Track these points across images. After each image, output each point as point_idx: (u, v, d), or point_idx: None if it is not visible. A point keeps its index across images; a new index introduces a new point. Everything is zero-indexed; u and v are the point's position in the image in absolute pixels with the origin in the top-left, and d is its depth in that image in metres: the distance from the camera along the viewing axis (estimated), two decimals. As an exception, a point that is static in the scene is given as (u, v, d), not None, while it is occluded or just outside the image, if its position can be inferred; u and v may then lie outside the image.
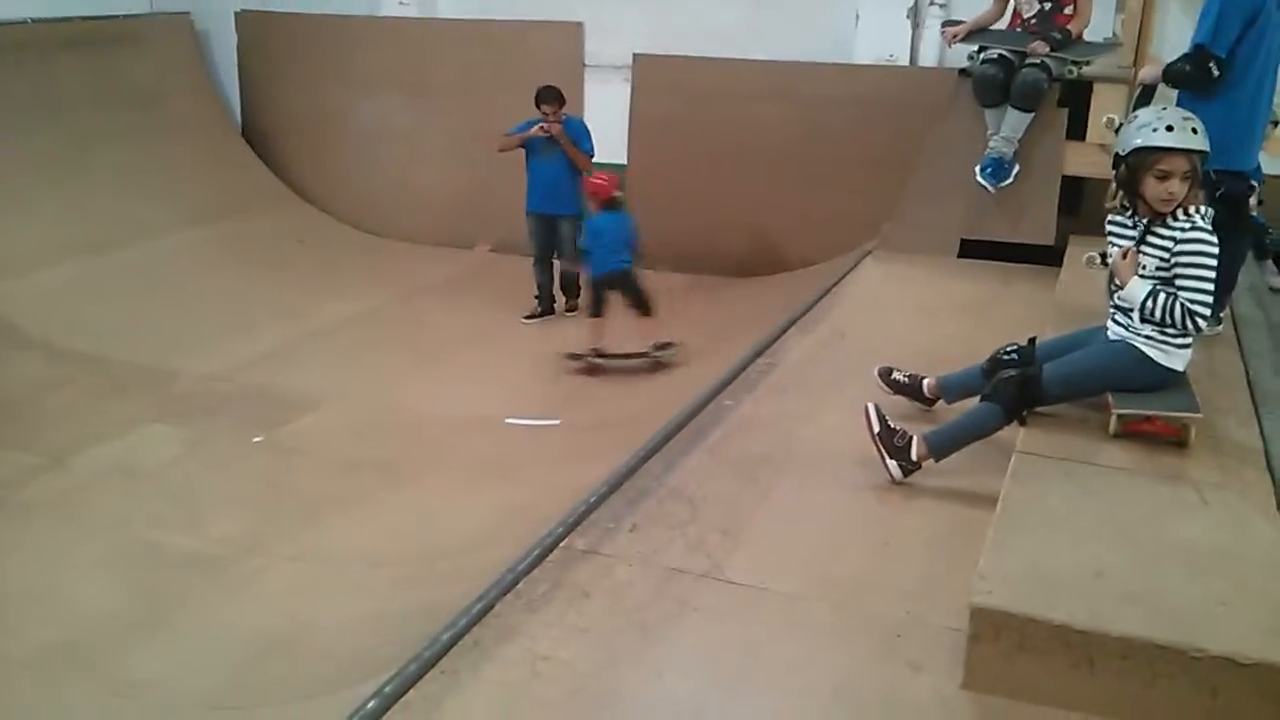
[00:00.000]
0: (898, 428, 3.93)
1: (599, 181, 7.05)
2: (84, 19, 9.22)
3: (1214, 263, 3.62)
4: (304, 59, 10.11)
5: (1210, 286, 3.63)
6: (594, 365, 6.95)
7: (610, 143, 8.70)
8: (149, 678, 3.94)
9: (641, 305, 6.92)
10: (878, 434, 3.91)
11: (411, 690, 2.74)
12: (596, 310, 7.01)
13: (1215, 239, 3.63)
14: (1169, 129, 3.59)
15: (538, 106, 7.64)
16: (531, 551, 3.38)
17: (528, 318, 8.05)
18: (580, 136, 7.79)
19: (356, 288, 8.58)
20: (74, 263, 7.93)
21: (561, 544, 3.46)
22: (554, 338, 7.76)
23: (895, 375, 4.57)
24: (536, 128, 7.65)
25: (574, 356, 6.99)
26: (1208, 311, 3.65)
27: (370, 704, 2.66)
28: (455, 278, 8.98)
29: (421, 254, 9.52)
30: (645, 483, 3.94)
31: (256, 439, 5.99)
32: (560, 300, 8.16)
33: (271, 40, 10.23)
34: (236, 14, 10.32)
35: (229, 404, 6.44)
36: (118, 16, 9.56)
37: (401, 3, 9.69)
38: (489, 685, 2.80)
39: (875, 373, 4.61)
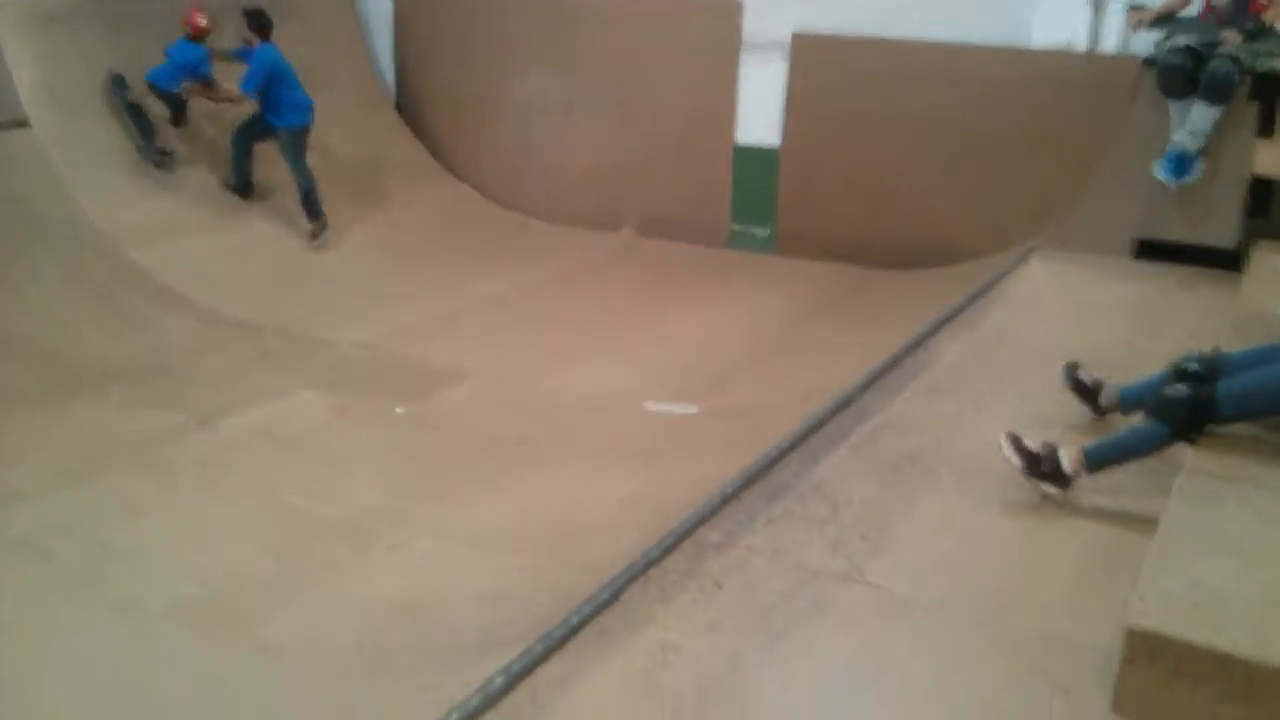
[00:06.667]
0: (1038, 450, 3.71)
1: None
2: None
3: None
4: (460, 31, 10.14)
5: None
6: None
7: (767, 125, 8.57)
8: (280, 642, 3.98)
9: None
10: (1024, 470, 3.71)
11: (537, 671, 2.73)
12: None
13: None
14: None
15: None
16: (665, 540, 3.34)
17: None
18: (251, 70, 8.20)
19: (505, 266, 8.66)
20: (228, 231, 8.19)
21: (693, 535, 3.41)
22: (693, 324, 7.68)
23: (1081, 374, 4.33)
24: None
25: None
26: None
27: (497, 681, 2.67)
28: (600, 260, 8.98)
29: (568, 235, 9.54)
30: (783, 478, 3.85)
31: (399, 410, 6.11)
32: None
33: (428, 11, 10.32)
34: (394, -16, 10.44)
35: (376, 375, 6.56)
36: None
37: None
38: (616, 672, 2.78)
39: (1062, 366, 4.36)
